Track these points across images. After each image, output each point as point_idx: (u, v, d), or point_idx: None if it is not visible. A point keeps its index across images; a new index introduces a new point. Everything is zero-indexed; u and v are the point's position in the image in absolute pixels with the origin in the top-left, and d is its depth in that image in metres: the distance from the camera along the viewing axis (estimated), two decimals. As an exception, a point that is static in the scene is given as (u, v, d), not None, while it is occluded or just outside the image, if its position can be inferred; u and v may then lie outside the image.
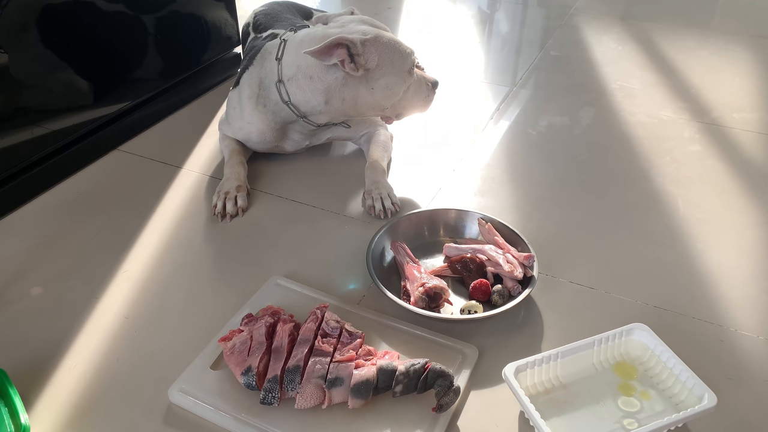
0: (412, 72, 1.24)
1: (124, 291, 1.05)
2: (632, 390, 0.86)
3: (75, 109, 1.37)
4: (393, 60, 1.20)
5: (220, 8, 1.73)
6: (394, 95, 1.24)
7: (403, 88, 1.24)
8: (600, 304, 1.03)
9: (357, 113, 1.27)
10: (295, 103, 1.23)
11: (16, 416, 0.79)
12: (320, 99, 1.22)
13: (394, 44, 1.20)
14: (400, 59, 1.21)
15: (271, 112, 1.28)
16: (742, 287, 1.06)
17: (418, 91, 1.27)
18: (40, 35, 1.25)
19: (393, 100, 1.25)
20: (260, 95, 1.27)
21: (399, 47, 1.21)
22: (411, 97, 1.27)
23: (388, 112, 1.28)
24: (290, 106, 1.24)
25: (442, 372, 0.82)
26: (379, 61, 1.18)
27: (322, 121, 1.27)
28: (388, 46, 1.19)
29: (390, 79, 1.21)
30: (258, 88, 1.27)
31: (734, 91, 1.72)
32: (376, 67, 1.19)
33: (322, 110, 1.23)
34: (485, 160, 1.42)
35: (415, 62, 1.25)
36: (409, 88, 1.25)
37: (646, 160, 1.41)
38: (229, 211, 1.22)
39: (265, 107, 1.28)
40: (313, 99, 1.22)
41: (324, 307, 0.93)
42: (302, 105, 1.23)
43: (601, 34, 2.11)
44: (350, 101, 1.22)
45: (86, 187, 1.32)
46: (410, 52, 1.23)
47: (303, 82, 1.20)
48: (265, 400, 0.82)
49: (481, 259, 1.05)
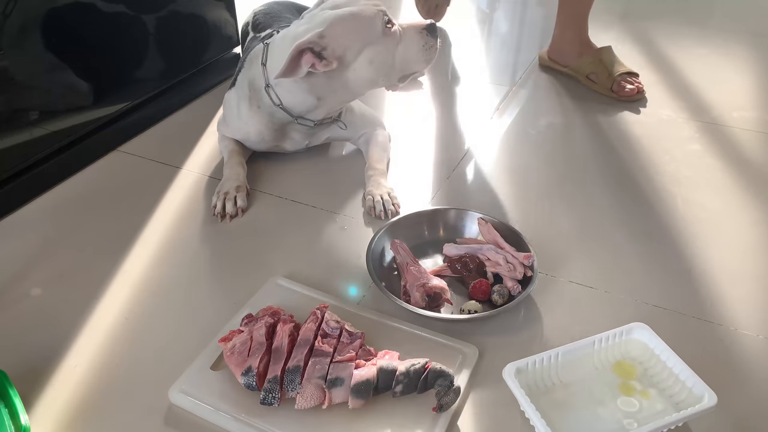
0: (387, 32, 1.15)
1: (124, 291, 1.05)
2: (632, 390, 0.86)
3: (74, 110, 1.37)
4: (358, 32, 1.13)
5: (219, 8, 1.73)
6: (383, 64, 1.17)
7: (388, 53, 1.16)
8: (600, 304, 1.03)
9: (355, 96, 1.25)
10: (287, 105, 1.24)
11: (17, 417, 0.79)
12: (311, 98, 1.22)
13: (350, 17, 1.13)
14: (365, 27, 1.13)
15: (266, 113, 1.28)
16: (742, 286, 1.06)
17: (409, 44, 1.18)
18: (39, 36, 1.25)
19: (385, 69, 1.18)
20: (252, 97, 1.28)
21: (358, 16, 1.13)
22: (404, 55, 1.18)
23: (387, 82, 1.22)
24: (283, 109, 1.24)
25: (442, 372, 0.82)
26: (346, 42, 1.13)
27: (319, 117, 1.27)
28: (346, 24, 1.13)
29: (368, 53, 1.15)
30: (249, 91, 1.28)
31: (733, 89, 1.72)
32: (347, 50, 1.14)
33: (317, 106, 1.24)
34: (485, 159, 1.42)
35: (385, 20, 1.15)
36: (397, 47, 1.17)
37: (646, 159, 1.41)
38: (229, 211, 1.22)
39: (260, 108, 1.28)
40: (306, 99, 1.22)
41: (324, 307, 0.93)
42: (295, 106, 1.24)
43: (600, 34, 2.10)
44: (342, 90, 1.21)
45: (86, 188, 1.32)
46: (373, 14, 1.14)
47: (289, 85, 1.20)
48: (266, 400, 0.82)
49: (481, 258, 1.05)
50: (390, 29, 1.16)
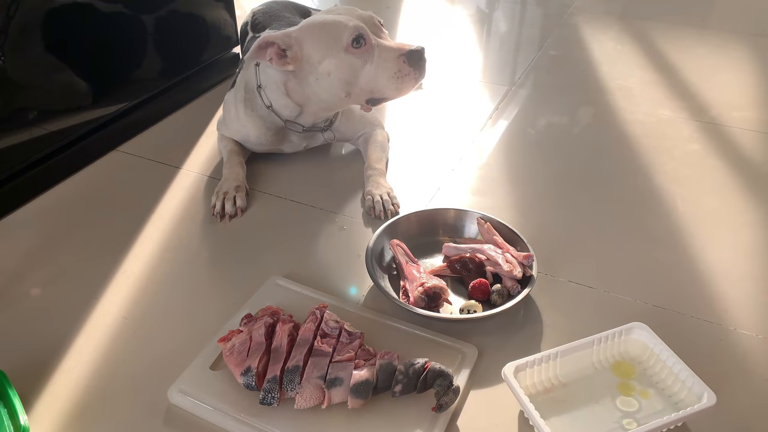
0: (351, 49, 1.09)
1: (123, 291, 1.05)
2: (631, 389, 0.86)
3: (74, 110, 1.37)
4: (321, 42, 1.09)
5: (218, 8, 1.73)
6: (343, 80, 1.12)
7: (350, 70, 1.11)
8: (599, 304, 1.03)
9: (330, 107, 1.23)
10: (276, 108, 1.25)
11: (16, 417, 0.79)
12: (292, 103, 1.23)
13: (320, 26, 1.09)
14: (329, 39, 1.09)
15: (259, 117, 1.29)
16: (741, 286, 1.06)
17: (381, 67, 1.10)
18: (38, 36, 1.25)
19: (345, 86, 1.13)
20: (248, 99, 1.29)
21: (326, 27, 1.09)
22: (372, 76, 1.11)
23: (353, 100, 1.16)
24: (273, 111, 1.24)
25: (441, 372, 0.82)
26: (308, 49, 1.11)
27: (307, 123, 1.28)
28: (313, 31, 1.10)
29: (327, 65, 1.11)
30: (245, 92, 1.29)
31: (733, 89, 1.72)
32: (308, 56, 1.12)
33: (301, 112, 1.25)
34: (484, 159, 1.42)
35: (354, 35, 1.09)
36: (364, 66, 1.11)
37: (645, 159, 1.41)
38: (228, 211, 1.22)
39: (253, 111, 1.29)
40: (288, 104, 1.23)
41: (323, 307, 0.93)
42: (282, 110, 1.25)
43: (600, 33, 2.11)
44: (315, 98, 1.20)
45: (85, 188, 1.32)
46: (343, 28, 1.08)
47: (274, 87, 1.22)
48: (265, 400, 0.82)
49: (481, 258, 1.05)
50: (359, 47, 1.10)
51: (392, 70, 1.11)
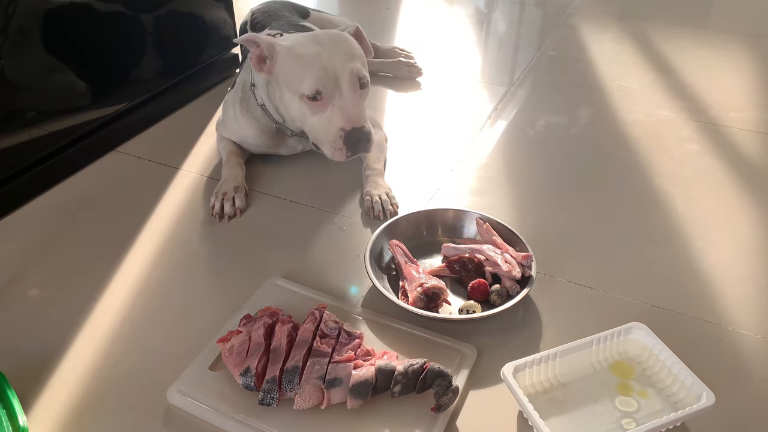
0: (304, 98, 1.12)
1: (122, 292, 1.05)
2: (630, 389, 0.86)
3: (72, 111, 1.37)
4: (288, 73, 1.13)
5: (218, 8, 1.73)
6: (295, 116, 1.17)
7: (299, 112, 1.15)
8: (598, 304, 1.03)
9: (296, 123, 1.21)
10: (269, 109, 1.26)
11: (15, 419, 0.79)
12: (272, 105, 1.24)
13: (297, 58, 1.12)
14: (294, 76, 1.12)
15: (254, 117, 1.29)
16: (740, 286, 1.06)
17: (324, 128, 1.14)
18: (37, 37, 1.25)
19: (297, 122, 1.18)
20: (244, 99, 1.30)
21: (301, 62, 1.11)
22: (316, 129, 1.15)
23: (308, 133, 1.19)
24: (266, 112, 1.25)
25: (440, 372, 0.82)
26: (278, 68, 1.14)
27: (295, 128, 1.27)
28: (290, 57, 1.13)
29: (286, 94, 1.16)
30: (242, 93, 1.30)
31: (731, 90, 1.72)
32: (276, 74, 1.15)
33: (284, 118, 1.25)
34: (483, 160, 1.42)
35: (312, 91, 1.11)
36: (313, 117, 1.14)
37: (644, 159, 1.41)
38: (227, 211, 1.22)
39: (248, 112, 1.30)
40: (272, 109, 1.25)
41: (322, 307, 0.93)
42: (272, 111, 1.26)
43: (599, 34, 2.11)
44: (281, 108, 1.21)
45: (84, 189, 1.32)
46: (311, 76, 1.10)
47: (261, 88, 1.24)
48: (264, 400, 0.82)
49: (480, 258, 1.05)
50: (313, 100, 1.12)
51: (331, 137, 1.14)
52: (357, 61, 1.15)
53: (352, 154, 1.14)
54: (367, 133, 1.14)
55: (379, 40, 1.96)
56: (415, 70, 1.79)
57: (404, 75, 1.80)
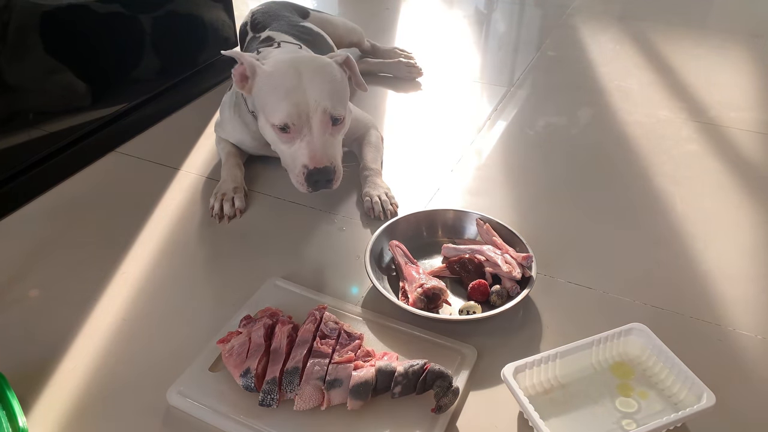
0: (275, 129, 1.12)
1: (122, 293, 1.05)
2: (630, 390, 0.86)
3: (72, 111, 1.37)
4: (264, 98, 1.13)
5: (217, 9, 1.73)
6: (267, 136, 1.17)
7: (271, 138, 1.15)
8: (598, 304, 1.03)
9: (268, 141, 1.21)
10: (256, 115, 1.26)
11: (15, 420, 0.79)
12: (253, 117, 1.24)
13: (273, 88, 1.11)
14: (268, 103, 1.12)
15: (244, 123, 1.30)
16: (740, 286, 1.06)
17: (291, 160, 1.14)
18: (37, 38, 1.25)
19: (270, 143, 1.17)
20: (237, 104, 1.31)
21: (277, 92, 1.10)
22: (286, 159, 1.15)
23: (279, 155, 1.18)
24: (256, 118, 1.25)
25: (441, 373, 0.82)
26: (255, 92, 1.15)
27: None
28: (267, 84, 1.12)
29: (261, 116, 1.16)
30: (236, 97, 1.31)
31: (731, 90, 1.72)
32: (254, 96, 1.16)
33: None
34: (483, 160, 1.42)
35: (280, 123, 1.11)
36: (282, 145, 1.14)
37: (644, 160, 1.41)
38: (227, 212, 1.22)
39: (240, 117, 1.31)
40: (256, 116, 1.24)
41: (323, 308, 0.93)
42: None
43: (598, 34, 2.11)
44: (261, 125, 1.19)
45: (84, 189, 1.32)
46: (281, 109, 1.10)
47: (250, 98, 1.23)
48: (264, 401, 0.82)
49: (480, 259, 1.05)
50: (282, 131, 1.12)
51: (295, 170, 1.14)
52: (333, 98, 1.12)
53: (314, 190, 1.13)
54: (332, 173, 1.12)
55: (379, 40, 1.96)
56: (415, 71, 1.80)
57: (404, 75, 1.80)
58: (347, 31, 1.79)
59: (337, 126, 1.15)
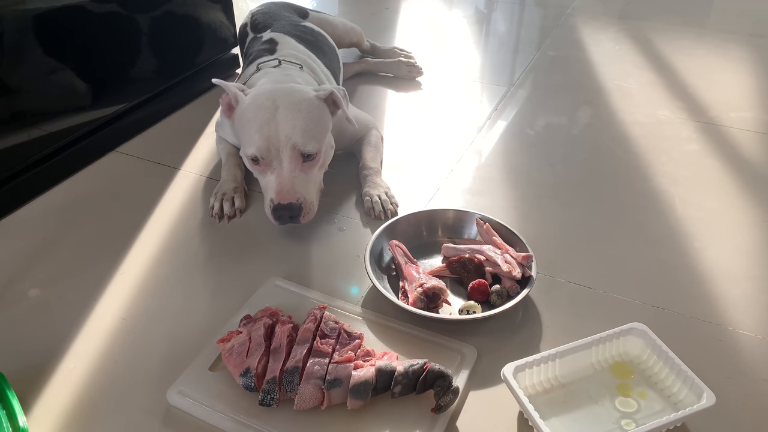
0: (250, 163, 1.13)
1: (122, 292, 1.05)
2: (630, 390, 0.86)
3: (72, 111, 1.37)
4: (240, 131, 1.14)
5: (216, 10, 1.73)
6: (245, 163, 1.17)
7: (246, 162, 1.16)
8: (598, 304, 1.03)
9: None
10: None
11: (15, 419, 0.79)
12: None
13: (246, 123, 1.11)
14: (243, 139, 1.14)
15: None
16: (740, 286, 1.06)
17: (263, 189, 1.15)
18: (37, 38, 1.25)
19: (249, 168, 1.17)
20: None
21: (247, 130, 1.11)
22: (261, 185, 1.16)
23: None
24: None
25: (440, 372, 0.82)
26: (235, 122, 1.16)
27: None
28: (244, 117, 1.12)
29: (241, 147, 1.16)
30: None
31: (731, 90, 1.72)
32: (234, 126, 1.17)
33: None
34: (483, 160, 1.42)
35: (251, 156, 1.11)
36: (257, 174, 1.15)
37: (644, 160, 1.41)
38: (227, 212, 1.22)
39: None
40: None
41: (323, 307, 0.93)
42: None
43: (599, 34, 2.11)
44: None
45: (84, 189, 1.32)
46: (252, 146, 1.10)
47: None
48: (264, 401, 0.82)
49: (480, 259, 1.05)
50: (255, 162, 1.12)
51: (266, 201, 1.13)
52: (306, 134, 1.10)
53: (280, 224, 1.12)
54: (297, 210, 1.10)
55: (379, 40, 1.96)
56: (415, 70, 1.80)
57: (404, 75, 1.80)
58: (346, 31, 1.79)
59: (309, 162, 1.12)
